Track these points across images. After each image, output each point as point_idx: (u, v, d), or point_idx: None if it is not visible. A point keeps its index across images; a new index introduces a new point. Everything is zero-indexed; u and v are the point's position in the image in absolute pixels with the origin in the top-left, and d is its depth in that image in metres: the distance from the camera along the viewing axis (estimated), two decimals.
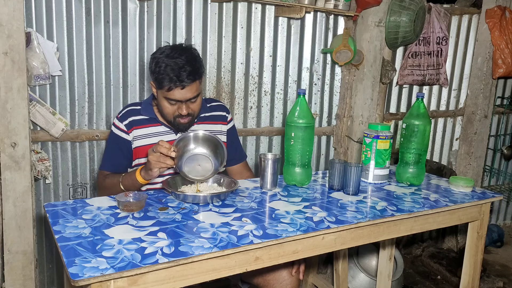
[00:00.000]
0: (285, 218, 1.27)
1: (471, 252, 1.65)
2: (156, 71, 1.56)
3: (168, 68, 1.54)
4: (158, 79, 1.56)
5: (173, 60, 1.54)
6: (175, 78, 1.54)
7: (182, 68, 1.54)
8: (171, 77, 1.54)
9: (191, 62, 1.57)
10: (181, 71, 1.53)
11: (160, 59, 1.56)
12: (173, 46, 1.62)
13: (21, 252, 1.94)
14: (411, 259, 3.05)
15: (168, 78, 1.54)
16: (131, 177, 1.54)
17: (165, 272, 1.00)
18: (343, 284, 2.22)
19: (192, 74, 1.56)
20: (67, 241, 1.05)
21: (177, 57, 1.55)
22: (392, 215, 1.34)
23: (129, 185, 1.56)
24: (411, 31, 2.51)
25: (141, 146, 1.70)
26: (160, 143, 1.41)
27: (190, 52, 1.61)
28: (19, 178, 1.88)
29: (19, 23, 1.77)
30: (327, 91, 2.68)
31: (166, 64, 1.54)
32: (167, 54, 1.56)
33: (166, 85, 1.55)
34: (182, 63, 1.54)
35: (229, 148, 1.83)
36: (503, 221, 3.66)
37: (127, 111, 1.73)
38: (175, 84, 1.54)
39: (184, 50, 1.60)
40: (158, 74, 1.56)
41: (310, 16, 2.50)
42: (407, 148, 1.68)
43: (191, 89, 1.58)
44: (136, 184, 1.53)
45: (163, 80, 1.55)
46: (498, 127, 3.35)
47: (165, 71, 1.54)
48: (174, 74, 1.53)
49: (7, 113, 1.81)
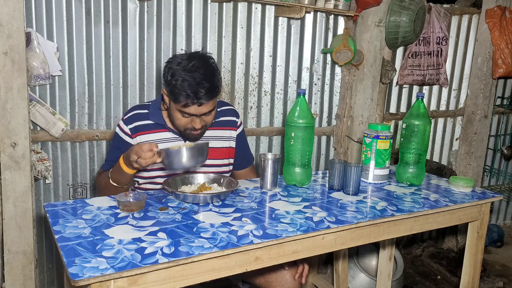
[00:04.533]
0: (285, 218, 1.27)
1: (471, 252, 1.65)
2: (172, 84, 1.48)
3: (185, 83, 1.45)
4: (173, 93, 1.48)
5: (190, 75, 1.46)
6: (192, 95, 1.46)
7: (200, 84, 1.46)
8: (188, 94, 1.46)
9: (210, 77, 1.48)
10: (199, 87, 1.45)
11: (177, 72, 1.47)
12: (190, 55, 1.53)
13: (21, 252, 1.94)
14: (411, 259, 3.05)
15: (185, 94, 1.46)
16: (117, 169, 1.51)
17: (165, 272, 1.00)
18: (343, 284, 2.22)
19: (210, 91, 1.48)
20: (67, 241, 1.05)
21: (194, 71, 1.46)
22: (392, 215, 1.34)
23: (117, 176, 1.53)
24: (411, 31, 2.51)
25: None
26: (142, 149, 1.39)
27: (208, 64, 1.52)
28: (19, 178, 1.88)
29: (19, 23, 1.77)
30: (327, 91, 2.68)
31: (183, 78, 1.46)
32: (184, 67, 1.47)
33: (182, 101, 1.48)
34: (200, 79, 1.46)
35: (237, 154, 1.80)
36: (503, 221, 3.66)
37: (133, 114, 1.66)
38: (192, 101, 1.47)
39: (202, 61, 1.51)
40: (174, 88, 1.47)
41: (310, 16, 2.50)
42: (407, 148, 1.68)
43: (208, 105, 1.51)
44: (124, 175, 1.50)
45: (179, 96, 1.47)
46: (498, 127, 3.35)
47: (182, 86, 1.46)
48: (192, 91, 1.45)
49: (7, 113, 1.81)
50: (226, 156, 1.76)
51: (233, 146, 1.79)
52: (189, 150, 1.39)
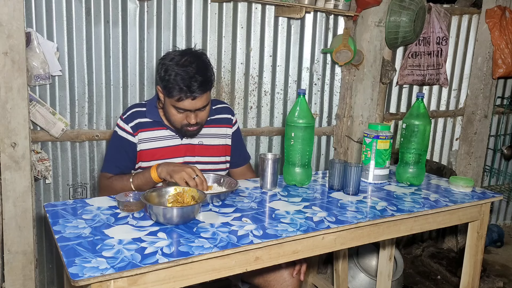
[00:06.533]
0: (285, 218, 1.27)
1: (471, 252, 1.65)
2: (165, 79, 1.51)
3: (178, 77, 1.48)
4: (167, 87, 1.51)
5: (183, 69, 1.49)
6: (185, 89, 1.49)
7: (192, 78, 1.48)
8: (181, 87, 1.48)
9: (202, 71, 1.51)
10: (191, 81, 1.48)
11: (170, 67, 1.50)
12: (183, 51, 1.56)
13: (21, 252, 1.94)
14: (411, 259, 3.05)
15: (178, 88, 1.49)
16: (144, 175, 1.54)
17: (165, 272, 1.00)
18: (343, 284, 2.22)
19: (203, 84, 1.51)
20: (67, 241, 1.05)
21: (187, 65, 1.49)
22: (392, 215, 1.34)
23: (141, 184, 1.55)
24: (411, 31, 2.51)
25: (145, 149, 1.66)
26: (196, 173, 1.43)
27: (201, 59, 1.55)
28: (19, 178, 1.88)
29: (19, 23, 1.77)
30: (327, 91, 2.68)
31: (176, 72, 1.49)
32: (177, 62, 1.50)
33: (175, 95, 1.50)
34: (192, 72, 1.49)
35: (233, 152, 1.81)
36: (503, 221, 3.66)
37: (132, 112, 1.67)
38: (185, 95, 1.50)
39: (195, 57, 1.54)
40: (167, 83, 1.50)
41: (310, 16, 2.50)
42: (407, 148, 1.68)
43: (201, 100, 1.54)
44: (151, 184, 1.53)
45: (172, 90, 1.50)
46: (498, 127, 3.35)
47: (175, 80, 1.49)
48: (185, 84, 1.48)
49: (7, 113, 1.81)
50: (222, 154, 1.78)
51: (229, 143, 1.80)
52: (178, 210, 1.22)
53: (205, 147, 1.73)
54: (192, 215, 1.20)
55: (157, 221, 1.18)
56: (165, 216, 1.16)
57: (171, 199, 1.29)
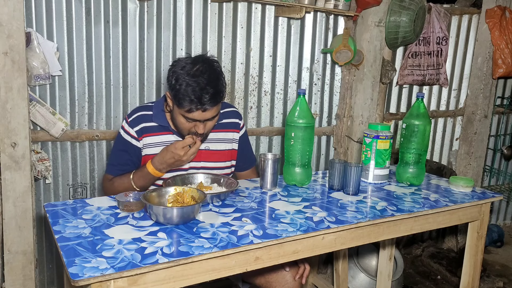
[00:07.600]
0: (285, 218, 1.27)
1: (471, 252, 1.65)
2: (176, 88, 1.46)
3: (189, 88, 1.44)
4: (177, 97, 1.47)
5: (195, 79, 1.44)
6: (196, 101, 1.44)
7: (204, 89, 1.44)
8: (192, 99, 1.44)
9: (214, 81, 1.46)
10: (203, 92, 1.44)
11: (181, 76, 1.45)
12: (194, 59, 1.50)
13: (21, 252, 1.94)
14: (411, 259, 3.05)
15: (188, 99, 1.44)
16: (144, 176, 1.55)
17: (165, 272, 1.00)
18: (343, 284, 2.22)
19: (215, 96, 1.46)
20: (67, 241, 1.05)
21: (199, 75, 1.45)
22: (392, 215, 1.34)
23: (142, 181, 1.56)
24: (411, 31, 2.51)
25: (150, 154, 1.62)
26: (179, 144, 1.47)
27: (213, 68, 1.50)
28: (19, 178, 1.88)
29: (19, 23, 1.77)
30: (327, 91, 2.68)
31: (187, 83, 1.44)
32: (188, 71, 1.46)
33: (186, 106, 1.46)
34: (204, 84, 1.44)
35: (240, 156, 1.79)
36: (503, 221, 3.66)
37: (138, 116, 1.64)
38: (196, 107, 1.46)
39: (207, 65, 1.49)
40: (177, 92, 1.46)
41: (310, 16, 2.50)
42: (407, 148, 1.68)
43: (212, 111, 1.50)
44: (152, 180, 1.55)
45: (183, 101, 1.46)
46: (498, 127, 3.35)
47: (186, 91, 1.44)
48: (195, 96, 1.44)
49: (7, 113, 1.81)
50: (228, 159, 1.76)
51: (235, 148, 1.78)
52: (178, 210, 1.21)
53: (211, 153, 1.71)
54: (192, 215, 1.20)
55: (157, 221, 1.18)
56: (165, 216, 1.17)
57: (171, 199, 1.29)
